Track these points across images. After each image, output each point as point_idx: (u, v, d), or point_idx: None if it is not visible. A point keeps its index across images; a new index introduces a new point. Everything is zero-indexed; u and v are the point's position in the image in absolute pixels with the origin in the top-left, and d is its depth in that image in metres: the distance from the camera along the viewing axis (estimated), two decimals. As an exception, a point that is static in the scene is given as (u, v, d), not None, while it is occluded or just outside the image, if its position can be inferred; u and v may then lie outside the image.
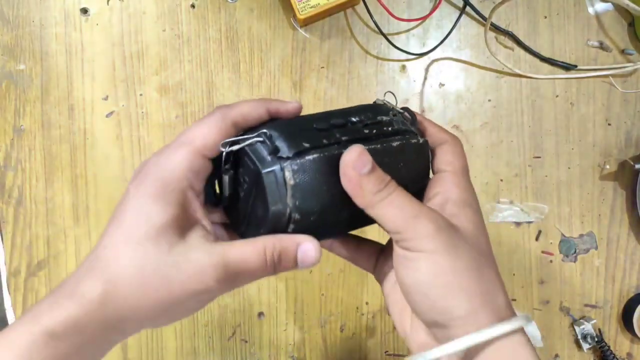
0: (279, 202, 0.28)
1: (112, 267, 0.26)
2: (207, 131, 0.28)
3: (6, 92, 0.54)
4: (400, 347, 0.57)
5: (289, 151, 0.28)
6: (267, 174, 0.28)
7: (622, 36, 0.55)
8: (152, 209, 0.27)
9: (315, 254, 0.29)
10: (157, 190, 0.27)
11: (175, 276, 0.26)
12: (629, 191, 0.55)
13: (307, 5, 0.50)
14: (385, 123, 0.33)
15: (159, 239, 0.26)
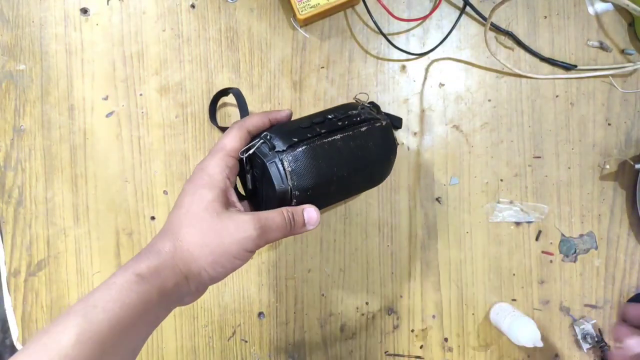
0: (282, 183, 0.39)
1: (177, 230, 0.36)
2: (232, 140, 0.40)
3: (6, 92, 0.54)
4: (401, 347, 0.57)
5: (283, 146, 0.39)
6: (270, 164, 0.39)
7: (622, 36, 0.55)
8: (203, 192, 0.37)
9: (316, 214, 0.40)
10: (204, 181, 0.38)
11: (224, 229, 0.36)
12: (629, 191, 0.55)
13: (307, 5, 0.50)
14: (355, 115, 0.44)
15: (209, 209, 0.37)
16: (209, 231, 0.36)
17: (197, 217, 0.37)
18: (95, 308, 0.32)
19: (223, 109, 0.55)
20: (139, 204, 0.55)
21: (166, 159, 0.55)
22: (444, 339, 0.56)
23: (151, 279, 0.34)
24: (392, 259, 0.56)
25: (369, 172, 0.44)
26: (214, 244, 0.36)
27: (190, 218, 0.37)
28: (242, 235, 0.36)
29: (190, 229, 0.36)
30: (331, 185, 0.41)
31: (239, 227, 0.37)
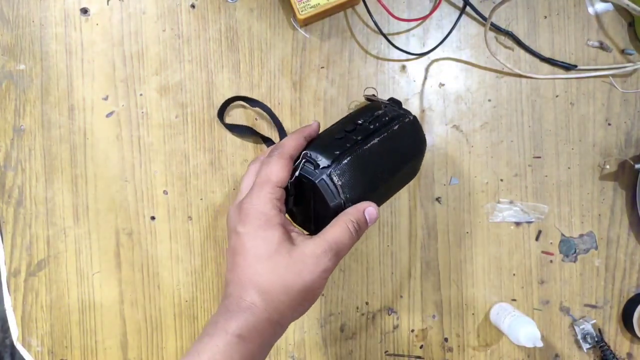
0: (334, 199, 0.38)
1: (258, 281, 0.36)
2: (277, 170, 0.39)
3: (6, 92, 0.54)
4: (400, 347, 0.57)
5: (327, 161, 0.39)
6: (320, 182, 0.38)
7: (622, 36, 0.55)
8: (267, 234, 0.37)
9: (375, 210, 0.40)
10: (262, 222, 0.37)
11: (303, 268, 0.36)
12: (629, 191, 0.55)
13: (307, 5, 0.50)
14: (382, 115, 0.44)
15: (280, 251, 0.36)
16: (288, 274, 0.36)
17: (272, 262, 0.36)
18: None
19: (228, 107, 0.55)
20: (139, 204, 0.55)
21: (166, 159, 0.55)
22: (444, 339, 0.56)
23: (251, 337, 0.35)
24: (392, 259, 0.56)
25: (411, 166, 0.45)
26: (298, 285, 0.36)
27: (265, 265, 0.36)
28: (321, 269, 0.36)
29: (271, 277, 0.36)
30: (379, 188, 0.42)
31: (316, 262, 0.36)
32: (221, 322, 0.35)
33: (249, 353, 0.34)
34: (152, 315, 0.56)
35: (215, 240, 0.55)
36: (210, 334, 0.34)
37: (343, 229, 0.38)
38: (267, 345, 0.36)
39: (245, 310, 0.35)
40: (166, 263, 0.55)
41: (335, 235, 0.37)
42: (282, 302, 0.36)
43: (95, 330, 0.56)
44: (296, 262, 0.36)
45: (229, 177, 0.55)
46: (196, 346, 0.34)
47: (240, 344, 0.34)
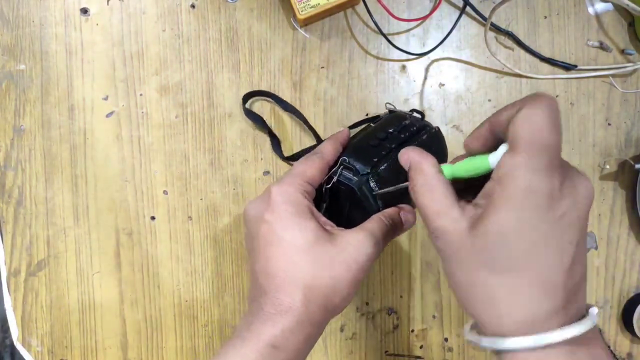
0: (373, 205, 0.38)
1: (300, 276, 0.32)
2: (312, 168, 0.37)
3: (6, 92, 0.54)
4: (400, 347, 0.57)
5: (366, 168, 0.38)
6: (359, 189, 0.38)
7: (622, 36, 0.55)
8: (301, 222, 0.33)
9: (412, 215, 0.38)
10: (295, 210, 0.34)
11: (348, 256, 0.33)
12: (629, 191, 0.55)
13: (307, 5, 0.50)
14: (410, 125, 0.44)
15: (319, 240, 0.33)
16: (336, 264, 0.32)
17: (314, 253, 0.32)
18: None
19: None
20: (139, 204, 0.55)
21: (166, 159, 0.55)
22: (444, 339, 0.56)
23: (287, 346, 0.31)
24: (392, 259, 0.56)
25: None
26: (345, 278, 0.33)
27: (307, 256, 0.32)
28: (364, 258, 0.33)
29: (316, 269, 0.32)
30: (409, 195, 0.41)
31: (360, 250, 0.33)
32: (255, 324, 0.31)
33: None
34: (152, 315, 0.56)
35: (215, 240, 0.56)
36: (242, 338, 0.31)
37: (379, 221, 0.36)
38: (305, 351, 0.33)
39: (284, 313, 0.31)
40: (166, 263, 0.55)
41: (374, 225, 0.35)
42: (327, 297, 0.32)
43: (95, 330, 0.56)
44: (340, 251, 0.33)
45: (229, 177, 0.55)
46: (226, 349, 0.31)
47: (273, 355, 0.30)
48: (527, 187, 0.25)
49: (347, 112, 0.55)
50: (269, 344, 0.30)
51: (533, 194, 0.25)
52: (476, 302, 0.27)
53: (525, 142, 0.26)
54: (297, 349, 0.32)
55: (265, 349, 0.30)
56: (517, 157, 0.26)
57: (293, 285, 0.32)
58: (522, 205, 0.25)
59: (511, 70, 0.54)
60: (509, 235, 0.25)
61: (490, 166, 0.28)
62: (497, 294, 0.26)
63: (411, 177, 0.31)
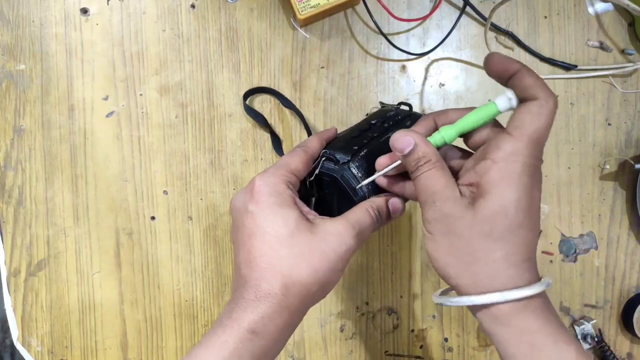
0: (357, 190, 0.38)
1: (280, 264, 0.33)
2: (296, 160, 0.38)
3: (6, 92, 0.54)
4: (400, 347, 0.57)
5: (346, 157, 0.39)
6: (342, 177, 0.39)
7: (622, 36, 0.55)
8: (283, 212, 0.34)
9: (399, 202, 0.38)
10: (277, 200, 0.35)
11: (328, 247, 0.34)
12: (629, 191, 0.55)
13: (307, 5, 0.50)
14: (394, 115, 0.45)
15: (300, 229, 0.34)
16: (312, 253, 0.33)
17: (293, 242, 0.33)
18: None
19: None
20: (139, 204, 0.55)
21: (166, 159, 0.55)
22: (444, 339, 0.56)
23: (266, 332, 0.32)
24: (392, 259, 0.56)
25: None
26: (322, 264, 0.33)
27: (286, 244, 0.33)
28: (345, 247, 0.34)
29: (292, 258, 0.33)
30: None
31: (340, 240, 0.34)
32: (236, 311, 0.32)
33: (262, 350, 0.32)
34: (152, 315, 0.56)
35: (215, 240, 0.56)
36: (223, 325, 0.32)
37: (363, 211, 0.36)
38: (283, 338, 0.34)
39: (263, 299, 0.32)
40: (166, 263, 0.55)
41: (357, 215, 0.36)
42: (305, 286, 0.33)
43: (95, 330, 0.56)
44: (320, 240, 0.34)
45: (229, 177, 0.55)
46: (208, 337, 0.32)
47: (253, 340, 0.31)
48: (525, 171, 0.30)
49: (347, 112, 0.55)
50: (248, 330, 0.31)
51: (528, 176, 0.30)
52: (468, 264, 0.32)
53: (528, 134, 0.30)
54: (276, 335, 0.33)
55: (245, 335, 0.31)
56: (519, 144, 0.30)
57: (273, 273, 0.33)
58: (519, 185, 0.30)
59: (511, 70, 0.54)
60: (510, 209, 0.30)
61: (499, 110, 0.33)
62: (494, 256, 0.31)
63: (409, 162, 0.34)
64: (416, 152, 0.33)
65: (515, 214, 0.30)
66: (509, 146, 0.31)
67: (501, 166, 0.31)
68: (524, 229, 0.31)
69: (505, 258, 0.31)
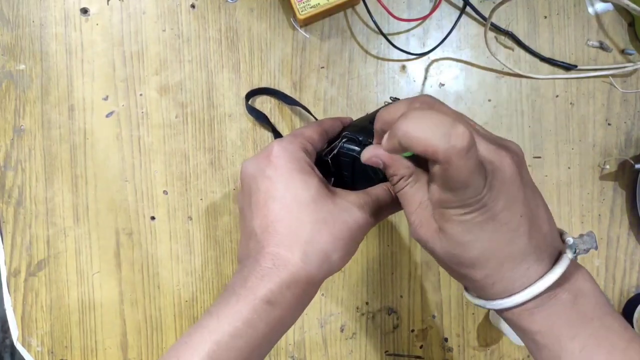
0: (379, 172, 0.37)
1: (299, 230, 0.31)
2: (310, 130, 0.38)
3: (6, 92, 0.54)
4: (400, 347, 0.57)
5: (368, 138, 0.37)
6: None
7: (622, 36, 0.55)
8: (304, 178, 0.33)
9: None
10: (297, 166, 0.33)
11: (349, 216, 0.32)
12: (629, 191, 0.55)
13: (307, 5, 0.50)
14: None
15: (322, 195, 0.32)
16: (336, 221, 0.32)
17: (314, 206, 0.32)
18: (219, 346, 0.28)
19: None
20: (139, 204, 0.55)
21: (166, 159, 0.55)
22: (444, 339, 0.56)
23: (283, 301, 0.30)
24: (392, 259, 0.56)
25: None
26: (343, 233, 0.32)
27: (307, 210, 0.32)
28: (364, 221, 0.33)
29: (316, 224, 0.31)
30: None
31: (361, 211, 0.33)
32: (251, 280, 0.30)
33: (278, 319, 0.30)
34: (152, 315, 0.56)
35: (215, 240, 0.56)
36: (237, 294, 0.30)
37: (383, 189, 0.35)
38: (300, 308, 0.32)
39: (282, 267, 0.31)
40: (166, 263, 0.55)
41: (377, 192, 0.35)
42: (326, 253, 0.32)
43: (95, 330, 0.56)
44: (342, 210, 0.32)
45: (229, 177, 0.55)
46: (219, 307, 0.30)
47: (268, 311, 0.30)
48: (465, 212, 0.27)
49: (347, 112, 0.55)
50: (264, 300, 0.30)
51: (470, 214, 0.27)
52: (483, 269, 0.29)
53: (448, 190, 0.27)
54: (293, 305, 0.31)
55: (260, 305, 0.30)
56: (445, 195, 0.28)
57: (293, 240, 0.31)
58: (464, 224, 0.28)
59: (511, 70, 0.54)
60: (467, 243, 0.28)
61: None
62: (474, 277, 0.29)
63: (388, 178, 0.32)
64: (388, 170, 0.31)
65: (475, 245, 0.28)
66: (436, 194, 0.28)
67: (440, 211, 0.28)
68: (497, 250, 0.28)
69: (486, 278, 0.29)
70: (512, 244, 0.28)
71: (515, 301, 0.28)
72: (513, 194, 0.28)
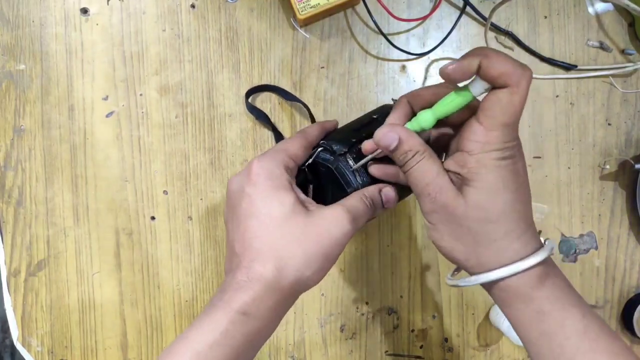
0: (351, 182, 0.38)
1: (274, 246, 0.33)
2: (295, 145, 0.38)
3: (6, 92, 0.54)
4: (400, 347, 0.57)
5: (344, 148, 0.39)
6: (337, 168, 0.39)
7: (622, 36, 0.55)
8: (280, 195, 0.34)
9: (393, 193, 0.38)
10: (275, 183, 0.35)
11: (323, 233, 0.34)
12: (629, 191, 0.55)
13: (307, 5, 0.50)
14: None
15: (296, 214, 0.34)
16: (307, 237, 0.33)
17: (289, 225, 0.33)
18: (199, 356, 0.31)
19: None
20: (139, 204, 0.55)
21: (166, 159, 0.55)
22: (444, 339, 0.56)
23: (258, 313, 0.32)
24: (392, 259, 0.56)
25: None
26: (316, 249, 0.33)
27: (280, 227, 0.33)
28: (340, 233, 0.34)
29: (288, 241, 0.33)
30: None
31: (335, 225, 0.34)
32: (228, 292, 0.32)
33: (254, 330, 0.32)
34: (152, 315, 0.56)
35: (215, 240, 0.56)
36: (216, 306, 0.32)
37: (357, 199, 0.36)
38: (275, 319, 0.34)
39: (255, 281, 0.32)
40: (166, 263, 0.55)
41: (351, 202, 0.36)
42: (298, 269, 0.33)
43: (95, 330, 0.56)
44: (315, 225, 0.34)
45: (229, 177, 0.55)
46: (200, 319, 0.33)
47: (244, 322, 0.32)
48: (502, 155, 0.31)
49: (347, 112, 0.55)
50: (239, 311, 0.32)
51: (507, 158, 0.31)
52: (473, 247, 0.32)
53: (499, 123, 0.31)
54: (267, 316, 0.33)
55: (236, 316, 0.32)
56: (491, 134, 0.31)
57: (268, 256, 0.33)
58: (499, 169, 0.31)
59: (511, 70, 0.54)
60: (497, 193, 0.31)
61: (474, 96, 0.32)
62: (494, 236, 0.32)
63: (396, 156, 0.34)
64: (402, 147, 0.33)
65: (504, 196, 0.31)
66: (482, 137, 0.31)
67: (478, 157, 0.31)
68: (517, 205, 0.32)
69: (506, 236, 0.32)
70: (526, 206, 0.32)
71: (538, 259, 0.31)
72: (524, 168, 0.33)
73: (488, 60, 0.30)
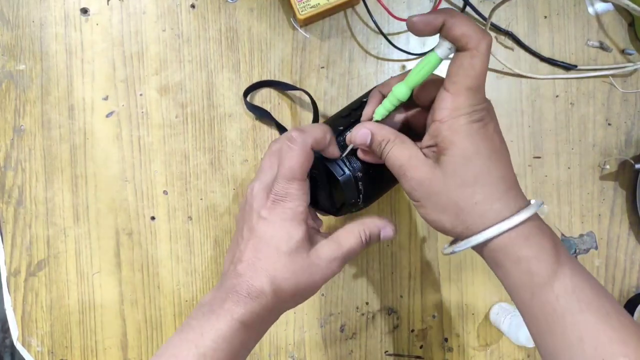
0: (343, 172, 0.40)
1: (273, 272, 0.37)
2: (299, 163, 0.38)
3: (6, 92, 0.54)
4: (400, 347, 0.57)
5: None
6: (325, 158, 0.40)
7: (622, 36, 0.55)
8: (291, 228, 0.37)
9: (391, 232, 0.40)
10: (289, 216, 0.37)
11: (316, 271, 0.38)
12: (629, 191, 0.55)
13: (307, 5, 0.50)
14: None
15: (299, 250, 0.37)
16: (302, 273, 0.37)
17: (290, 260, 0.37)
18: (205, 357, 0.34)
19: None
20: (139, 204, 0.55)
21: (166, 159, 0.55)
22: (444, 339, 0.56)
23: (253, 325, 0.36)
24: (392, 259, 0.56)
25: None
26: (307, 284, 0.38)
27: (282, 259, 0.37)
28: (330, 274, 0.38)
29: (286, 274, 0.37)
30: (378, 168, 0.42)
31: (328, 266, 0.38)
32: (229, 303, 0.36)
33: (248, 339, 0.36)
34: (152, 315, 0.56)
35: (216, 240, 0.56)
36: (217, 314, 0.35)
37: (357, 238, 0.39)
38: (264, 331, 0.39)
39: (255, 298, 0.36)
40: (166, 263, 0.55)
41: (350, 243, 0.39)
42: (291, 295, 0.38)
43: (95, 330, 0.56)
44: (311, 264, 0.38)
45: (229, 177, 0.55)
46: (200, 322, 0.35)
47: (242, 330, 0.35)
48: (472, 119, 0.33)
49: (347, 112, 0.55)
50: (240, 321, 0.35)
51: (477, 121, 0.33)
52: (456, 214, 0.34)
53: (464, 87, 0.32)
54: (260, 328, 0.38)
55: (237, 325, 0.35)
56: (458, 99, 0.33)
57: (267, 280, 0.37)
58: (471, 132, 0.33)
59: (511, 70, 0.54)
60: (471, 156, 0.33)
61: (441, 58, 0.34)
62: (474, 199, 0.33)
63: (374, 149, 0.37)
64: (376, 140, 0.37)
65: (478, 159, 0.33)
66: (449, 103, 0.33)
67: (449, 124, 0.33)
68: (493, 166, 0.33)
69: (485, 198, 0.33)
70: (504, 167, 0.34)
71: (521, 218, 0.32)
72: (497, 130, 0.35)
73: (452, 20, 0.31)
